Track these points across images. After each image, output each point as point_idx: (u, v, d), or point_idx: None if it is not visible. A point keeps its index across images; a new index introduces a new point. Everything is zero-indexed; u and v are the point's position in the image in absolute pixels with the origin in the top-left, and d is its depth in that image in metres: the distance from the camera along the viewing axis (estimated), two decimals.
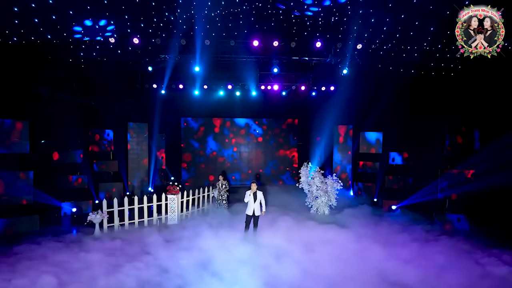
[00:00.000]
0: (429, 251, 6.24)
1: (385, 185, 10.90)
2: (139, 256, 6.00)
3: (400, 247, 6.35)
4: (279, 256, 5.81)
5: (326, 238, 6.54)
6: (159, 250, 6.18)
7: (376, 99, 11.61)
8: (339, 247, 6.11)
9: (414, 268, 5.35)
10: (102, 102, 11.87)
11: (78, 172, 10.09)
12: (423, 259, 5.81)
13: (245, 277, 5.01)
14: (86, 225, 7.91)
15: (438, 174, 9.18)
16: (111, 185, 11.17)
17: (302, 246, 6.23)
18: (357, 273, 5.14)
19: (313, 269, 5.36)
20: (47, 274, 5.14)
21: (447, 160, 9.04)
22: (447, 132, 9.00)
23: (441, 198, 8.99)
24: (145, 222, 8.54)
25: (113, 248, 6.42)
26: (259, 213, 7.11)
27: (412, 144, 10.56)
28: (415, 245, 6.54)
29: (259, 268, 5.34)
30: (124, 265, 5.54)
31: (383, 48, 10.04)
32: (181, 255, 5.94)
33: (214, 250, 6.00)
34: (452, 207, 8.83)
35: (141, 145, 12.73)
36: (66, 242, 6.88)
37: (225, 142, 15.05)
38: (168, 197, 8.79)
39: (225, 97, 13.08)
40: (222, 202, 9.66)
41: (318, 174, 9.12)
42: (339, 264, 5.44)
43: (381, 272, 5.21)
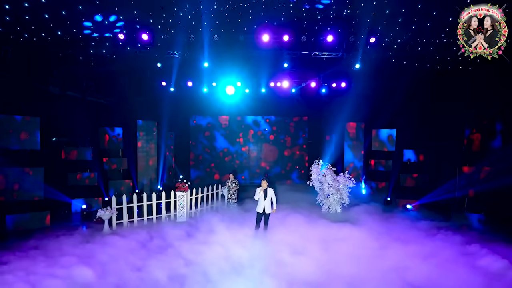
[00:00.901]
0: (449, 251, 5.93)
1: (399, 183, 10.56)
2: (160, 251, 5.96)
3: (418, 246, 6.07)
4: (295, 254, 5.65)
5: (342, 236, 6.33)
6: (176, 246, 6.14)
7: (389, 95, 11.26)
8: (356, 246, 5.89)
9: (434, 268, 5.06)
10: (112, 100, 11.92)
11: (88, 169, 10.11)
12: (442, 259, 5.51)
13: (262, 275, 4.89)
14: (95, 221, 7.87)
15: (456, 171, 8.82)
16: (120, 182, 11.17)
17: (317, 244, 6.04)
18: (378, 272, 4.90)
19: (333, 267, 5.18)
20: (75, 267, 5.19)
21: (466, 157, 8.65)
22: (466, 127, 8.60)
23: (459, 196, 8.62)
24: (154, 219, 8.45)
25: (130, 244, 6.40)
26: (269, 210, 6.93)
27: (428, 141, 10.20)
28: (434, 244, 6.25)
29: (276, 266, 5.22)
30: (148, 259, 5.58)
31: (397, 41, 9.69)
32: (195, 251, 5.86)
33: (225, 247, 5.88)
34: (471, 205, 8.45)
35: (150, 143, 12.70)
36: (80, 237, 6.88)
37: (234, 140, 14.91)
38: (177, 194, 8.70)
39: (234, 94, 12.92)
40: (232, 201, 9.52)
41: (330, 171, 8.87)
42: (359, 263, 5.23)
43: (402, 272, 4.95)
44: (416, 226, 7.41)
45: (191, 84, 12.37)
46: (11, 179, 7.53)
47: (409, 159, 10.43)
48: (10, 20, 6.92)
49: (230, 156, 14.89)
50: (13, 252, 5.94)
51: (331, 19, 9.42)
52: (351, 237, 6.28)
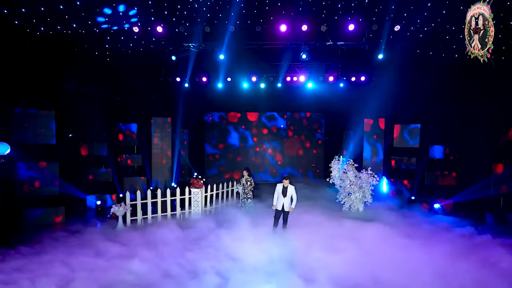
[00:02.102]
0: (486, 254, 5.33)
1: (424, 181, 9.89)
2: (182, 247, 5.78)
3: (452, 246, 5.51)
4: (330, 253, 5.27)
5: (372, 236, 5.83)
6: (196, 243, 5.95)
7: (413, 88, 10.60)
8: (391, 246, 5.40)
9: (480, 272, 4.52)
10: (127, 96, 11.79)
11: (103, 165, 10.01)
12: (477, 260, 4.95)
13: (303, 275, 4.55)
14: (109, 218, 7.69)
15: (489, 168, 8.11)
16: (135, 179, 11.03)
17: (349, 244, 5.62)
18: (425, 278, 4.43)
19: (376, 270, 4.74)
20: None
21: (502, 153, 7.91)
22: (503, 121, 7.87)
23: (494, 195, 7.90)
24: (168, 216, 8.20)
25: (148, 240, 6.19)
26: (288, 208, 6.51)
27: (457, 136, 9.46)
28: (468, 245, 5.68)
29: (315, 265, 4.88)
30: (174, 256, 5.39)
31: (424, 29, 9.05)
32: (219, 249, 5.62)
33: (252, 246, 5.58)
34: (508, 205, 7.72)
35: (165, 140, 12.53)
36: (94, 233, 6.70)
37: (249, 137, 14.56)
38: (192, 191, 8.41)
39: (249, 89, 12.57)
40: (247, 200, 8.95)
41: (351, 167, 8.35)
42: (401, 266, 4.79)
43: (450, 277, 4.45)
44: (450, 228, 6.78)
45: (205, 80, 12.12)
46: (26, 173, 7.45)
47: (436, 156, 9.74)
48: (26, 12, 6.81)
49: (246, 153, 14.55)
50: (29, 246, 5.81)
51: (352, 8, 8.89)
52: (383, 237, 5.77)
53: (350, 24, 8.89)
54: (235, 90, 12.78)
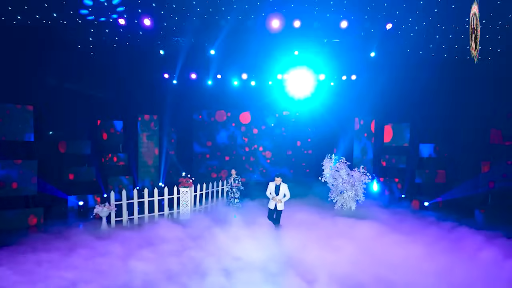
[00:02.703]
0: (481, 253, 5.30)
1: (414, 180, 9.94)
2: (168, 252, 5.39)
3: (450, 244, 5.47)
4: (329, 252, 5.12)
5: (368, 234, 5.75)
6: (187, 246, 5.58)
7: (402, 87, 10.63)
8: (387, 243, 5.32)
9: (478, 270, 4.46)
10: (112, 93, 11.29)
11: (86, 164, 9.51)
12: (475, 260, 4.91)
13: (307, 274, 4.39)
14: (92, 218, 7.26)
15: (477, 167, 8.20)
16: (120, 178, 10.57)
17: (347, 243, 5.48)
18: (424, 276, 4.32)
19: (377, 270, 4.60)
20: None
21: (490, 151, 8.01)
22: (490, 121, 7.97)
23: (482, 193, 7.99)
24: (156, 216, 7.85)
25: (131, 242, 5.81)
26: (282, 207, 6.32)
27: (446, 135, 9.54)
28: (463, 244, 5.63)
29: (311, 265, 4.74)
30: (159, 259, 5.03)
31: (415, 28, 9.07)
32: (209, 249, 5.33)
33: (249, 247, 5.38)
34: (495, 203, 7.81)
35: (152, 138, 12.12)
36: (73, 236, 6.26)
37: (238, 136, 14.30)
38: (181, 190, 8.09)
39: (239, 87, 12.34)
40: (234, 200, 8.70)
41: (344, 165, 8.25)
42: (402, 264, 4.70)
43: (448, 276, 4.38)
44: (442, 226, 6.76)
45: (195, 77, 11.79)
46: (1, 172, 6.93)
47: (425, 154, 9.79)
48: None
49: (235, 152, 14.28)
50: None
51: (345, 5, 8.81)
52: (378, 235, 5.67)
53: (343, 21, 8.81)
54: (225, 87, 12.52)
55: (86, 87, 10.38)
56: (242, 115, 14.31)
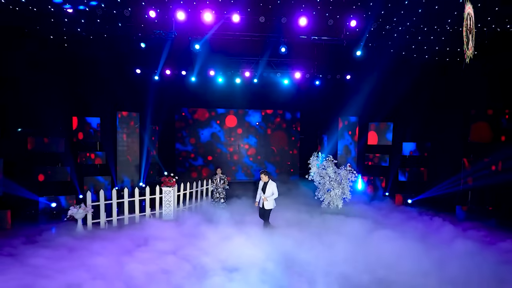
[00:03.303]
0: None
1: (398, 178, 10.11)
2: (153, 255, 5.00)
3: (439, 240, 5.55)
4: (321, 249, 5.07)
5: (358, 231, 5.71)
6: (174, 248, 5.26)
7: (385, 87, 10.81)
8: (379, 239, 5.34)
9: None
10: (88, 88, 10.65)
11: (60, 163, 8.88)
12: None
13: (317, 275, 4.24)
14: (66, 221, 6.72)
15: (458, 165, 8.44)
16: (97, 179, 9.99)
17: (340, 239, 5.44)
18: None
19: (373, 264, 4.64)
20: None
21: (470, 149, 8.26)
22: (470, 119, 8.22)
23: (463, 190, 8.23)
24: (137, 218, 7.42)
25: (110, 246, 5.36)
26: (269, 206, 6.14)
27: (428, 134, 9.77)
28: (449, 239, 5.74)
29: (309, 263, 4.67)
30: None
31: (398, 29, 9.21)
32: (197, 254, 4.99)
33: (234, 247, 5.16)
34: (475, 199, 8.07)
35: (132, 136, 11.57)
36: (43, 241, 5.74)
37: (223, 134, 14.01)
38: (163, 190, 7.71)
39: (224, 84, 12.07)
40: (220, 200, 8.38)
41: (331, 163, 8.21)
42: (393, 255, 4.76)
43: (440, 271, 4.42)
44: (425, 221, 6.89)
45: (177, 73, 11.39)
46: None
47: (408, 153, 9.99)
48: None
49: (220, 151, 13.97)
50: None
51: (331, 3, 8.79)
52: (370, 232, 5.64)
53: (330, 19, 8.78)
54: (209, 84, 12.22)
55: (60, 81, 9.69)
56: (226, 113, 14.03)
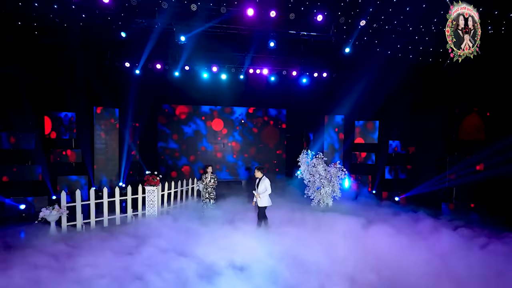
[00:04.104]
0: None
1: (384, 176, 10.24)
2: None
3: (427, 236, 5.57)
4: (321, 246, 4.98)
5: (353, 228, 5.65)
6: (162, 251, 4.84)
7: (372, 85, 10.91)
8: (378, 238, 5.26)
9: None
10: (62, 81, 9.91)
11: (30, 161, 8.18)
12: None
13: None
14: (37, 223, 6.12)
15: (442, 163, 8.65)
16: (72, 178, 9.33)
17: (337, 236, 5.36)
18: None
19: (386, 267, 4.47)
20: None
21: (455, 147, 8.48)
22: (456, 118, 8.43)
23: (448, 187, 8.43)
24: (117, 219, 6.94)
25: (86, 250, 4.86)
26: (263, 203, 5.93)
27: (414, 132, 9.96)
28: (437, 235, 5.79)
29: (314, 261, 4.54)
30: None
31: (385, 27, 9.31)
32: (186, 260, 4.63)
33: (233, 248, 4.92)
34: (460, 196, 8.29)
35: (111, 133, 10.94)
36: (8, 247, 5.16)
37: (207, 132, 13.63)
38: (146, 189, 7.28)
39: (209, 80, 11.71)
40: (210, 200, 7.57)
41: (321, 161, 8.12)
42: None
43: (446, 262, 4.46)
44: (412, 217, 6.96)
45: (160, 67, 10.89)
46: None
47: (394, 151, 10.15)
48: None
49: (204, 149, 13.58)
50: None
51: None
52: (366, 229, 5.58)
53: (318, 15, 8.70)
54: (194, 80, 11.80)
55: (29, 72, 8.94)
56: (211, 110, 13.68)
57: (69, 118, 9.50)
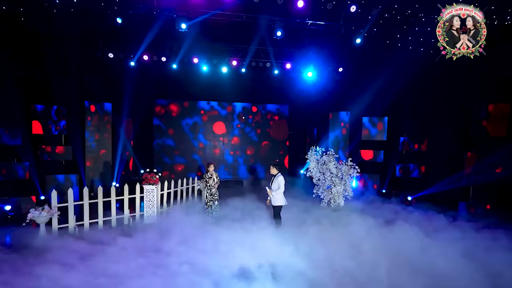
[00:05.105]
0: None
1: (395, 174, 10.02)
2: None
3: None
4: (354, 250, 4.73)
5: (378, 232, 5.37)
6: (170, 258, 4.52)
7: (382, 80, 10.68)
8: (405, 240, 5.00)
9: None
10: (52, 72, 9.46)
11: (16, 159, 7.76)
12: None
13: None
14: (25, 226, 5.72)
15: (461, 159, 8.44)
16: (62, 177, 8.92)
17: (363, 237, 5.12)
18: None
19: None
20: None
21: (472, 144, 8.28)
22: (473, 112, 8.23)
23: (465, 186, 8.23)
24: (113, 221, 6.57)
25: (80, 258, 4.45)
26: (277, 203, 5.68)
27: (426, 128, 9.74)
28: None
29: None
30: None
31: (397, 18, 9.09)
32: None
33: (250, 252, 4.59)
34: (477, 195, 8.09)
35: (104, 129, 10.53)
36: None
37: (206, 129, 13.27)
38: (145, 188, 6.92)
39: (208, 74, 11.38)
40: (214, 202, 6.91)
41: (332, 158, 7.85)
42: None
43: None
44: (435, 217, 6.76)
45: (156, 59, 10.52)
46: None
47: (404, 149, 9.94)
48: None
49: (203, 147, 13.22)
50: None
51: None
52: (396, 233, 5.31)
53: (328, 3, 8.44)
54: (192, 73, 11.47)
55: (15, 62, 8.50)
56: (210, 106, 13.33)
57: (58, 112, 9.06)
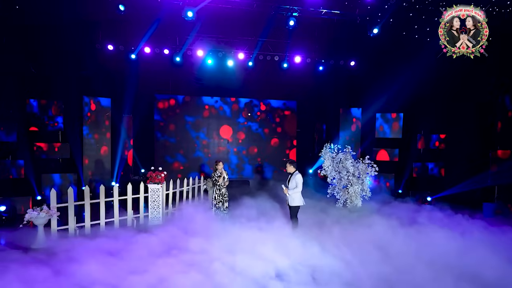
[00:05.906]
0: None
1: (412, 174, 9.76)
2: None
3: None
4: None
5: (405, 235, 5.12)
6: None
7: (398, 74, 10.40)
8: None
9: None
10: (47, 65, 9.17)
11: (10, 156, 7.49)
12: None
13: None
14: (22, 227, 5.42)
15: (486, 158, 8.17)
16: (59, 176, 8.67)
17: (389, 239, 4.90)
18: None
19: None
20: None
21: (497, 141, 8.01)
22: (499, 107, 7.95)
23: (489, 185, 7.96)
24: (116, 223, 6.30)
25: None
26: (294, 203, 5.42)
27: (447, 125, 9.43)
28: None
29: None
30: None
31: (416, 7, 8.82)
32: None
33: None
34: (503, 195, 7.82)
35: (102, 126, 10.27)
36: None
37: (210, 126, 12.99)
38: (149, 187, 6.64)
39: (214, 67, 11.13)
40: (224, 203, 6.66)
41: (349, 156, 7.59)
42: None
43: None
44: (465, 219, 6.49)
45: (158, 52, 10.26)
46: None
47: (423, 146, 9.67)
48: None
49: (207, 145, 12.95)
50: None
51: None
52: (429, 235, 5.05)
53: None
54: (196, 67, 11.23)
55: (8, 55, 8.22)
56: (215, 101, 13.06)
57: (55, 107, 8.80)
